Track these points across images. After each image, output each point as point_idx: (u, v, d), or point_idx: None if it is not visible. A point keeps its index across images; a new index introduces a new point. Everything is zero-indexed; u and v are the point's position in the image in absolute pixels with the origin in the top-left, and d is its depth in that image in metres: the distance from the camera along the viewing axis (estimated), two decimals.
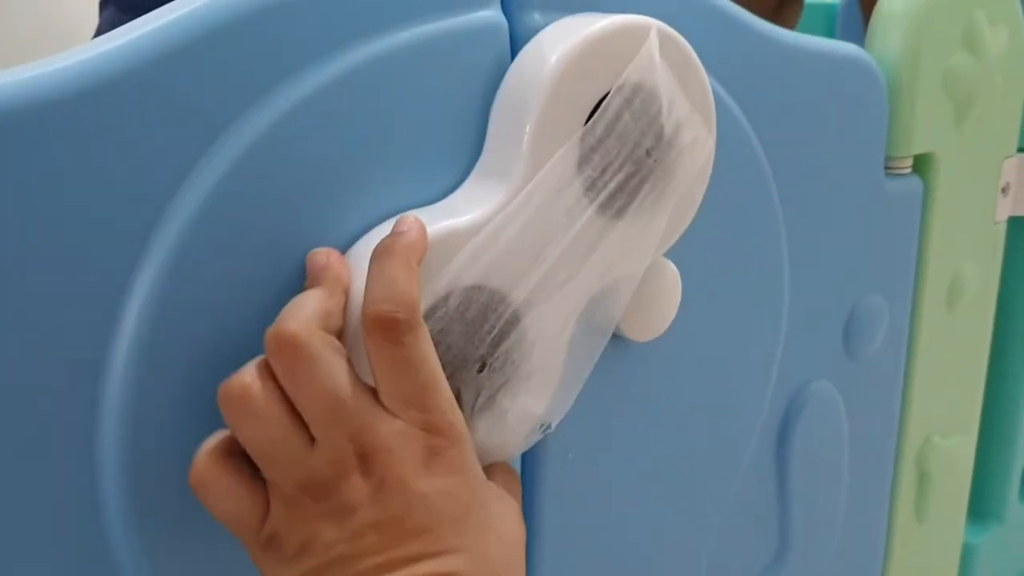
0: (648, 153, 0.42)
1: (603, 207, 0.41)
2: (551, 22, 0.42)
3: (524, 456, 0.46)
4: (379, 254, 0.35)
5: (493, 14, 0.41)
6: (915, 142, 0.60)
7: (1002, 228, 0.70)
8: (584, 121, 0.40)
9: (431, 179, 0.40)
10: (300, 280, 0.36)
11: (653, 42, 0.41)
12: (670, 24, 0.43)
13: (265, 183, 0.36)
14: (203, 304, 0.35)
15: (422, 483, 0.33)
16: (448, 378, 0.35)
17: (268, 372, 0.33)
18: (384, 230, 0.37)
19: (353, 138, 0.38)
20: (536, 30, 0.41)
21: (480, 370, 0.38)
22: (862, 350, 0.62)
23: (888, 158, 0.60)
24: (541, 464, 0.46)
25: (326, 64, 0.36)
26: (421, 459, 0.34)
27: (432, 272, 0.36)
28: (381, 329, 0.33)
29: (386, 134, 0.39)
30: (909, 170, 0.62)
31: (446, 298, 0.37)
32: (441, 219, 0.37)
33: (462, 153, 0.41)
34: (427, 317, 0.36)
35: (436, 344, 0.35)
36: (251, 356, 0.35)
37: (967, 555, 0.80)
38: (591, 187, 0.40)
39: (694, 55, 0.43)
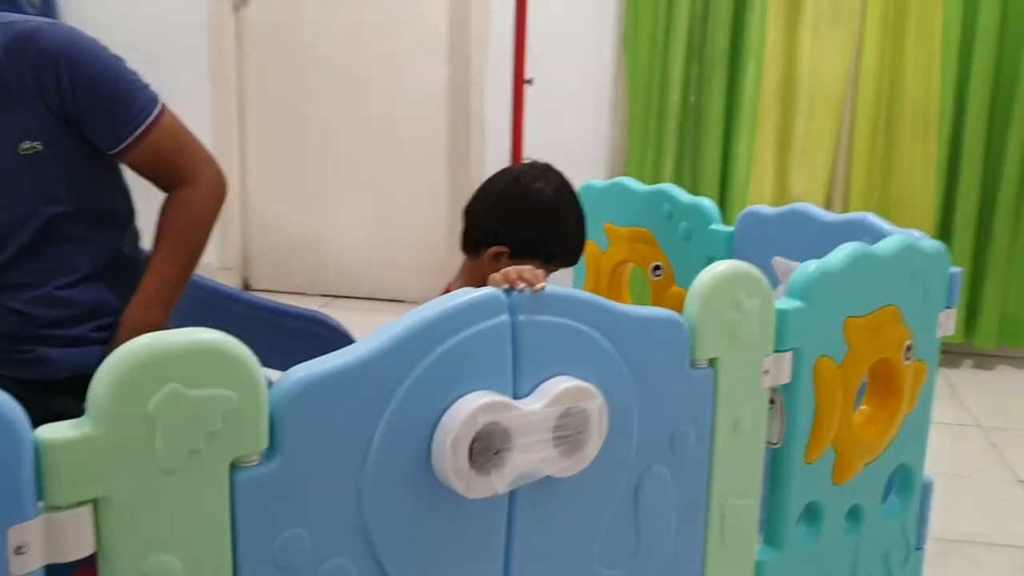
0: (578, 432, 1.09)
1: (556, 444, 1.08)
2: (531, 320, 1.08)
3: (511, 496, 1.10)
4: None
5: (506, 317, 1.07)
6: (706, 352, 1.26)
7: (767, 392, 1.35)
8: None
9: (485, 384, 1.05)
10: (430, 432, 1.02)
11: (599, 401, 1.09)
12: (576, 315, 1.10)
13: (412, 405, 1.01)
14: (398, 452, 1.01)
15: None
16: (501, 443, 1.03)
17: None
18: (459, 405, 1.03)
19: (447, 376, 1.03)
20: (521, 325, 1.08)
21: (497, 452, 1.03)
22: (680, 450, 1.27)
23: (692, 360, 1.25)
24: (519, 506, 1.11)
25: (421, 363, 1.02)
26: None
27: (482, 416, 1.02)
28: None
29: (462, 371, 1.04)
30: (706, 364, 1.27)
31: (495, 422, 1.03)
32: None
33: (494, 375, 1.06)
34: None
35: (496, 422, 1.02)
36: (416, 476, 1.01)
37: (759, 568, 1.43)
38: (558, 439, 1.07)
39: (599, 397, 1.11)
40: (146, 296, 1.37)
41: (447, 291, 1.58)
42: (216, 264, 3.95)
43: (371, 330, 1.28)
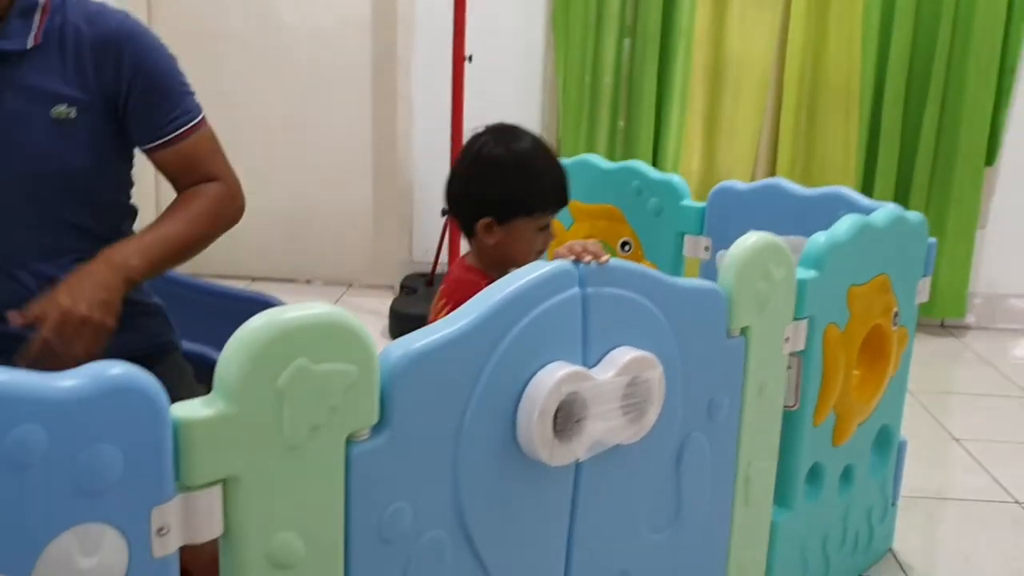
0: (644, 401, 1.12)
1: (624, 412, 1.10)
2: (597, 292, 1.10)
3: (577, 465, 1.13)
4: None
5: (576, 289, 1.10)
6: (740, 321, 1.31)
7: (786, 357, 1.41)
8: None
9: (559, 355, 1.07)
10: (515, 403, 1.04)
11: (659, 371, 1.12)
12: (635, 286, 1.13)
13: (500, 377, 1.03)
14: (487, 423, 1.02)
15: None
16: (580, 412, 1.05)
17: None
18: (541, 375, 1.04)
19: (528, 348, 1.05)
20: (590, 297, 1.10)
21: (578, 421, 1.06)
22: (716, 418, 1.32)
23: (728, 329, 1.30)
24: (583, 474, 1.14)
25: (508, 335, 1.04)
26: None
27: (558, 386, 1.04)
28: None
29: (540, 343, 1.06)
30: (738, 334, 1.32)
31: (575, 391, 1.05)
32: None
33: (568, 346, 1.09)
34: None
35: (576, 392, 1.04)
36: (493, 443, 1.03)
37: (773, 527, 1.50)
38: (626, 407, 1.10)
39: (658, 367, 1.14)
40: (138, 241, 1.28)
41: (462, 264, 1.55)
42: None
43: None
